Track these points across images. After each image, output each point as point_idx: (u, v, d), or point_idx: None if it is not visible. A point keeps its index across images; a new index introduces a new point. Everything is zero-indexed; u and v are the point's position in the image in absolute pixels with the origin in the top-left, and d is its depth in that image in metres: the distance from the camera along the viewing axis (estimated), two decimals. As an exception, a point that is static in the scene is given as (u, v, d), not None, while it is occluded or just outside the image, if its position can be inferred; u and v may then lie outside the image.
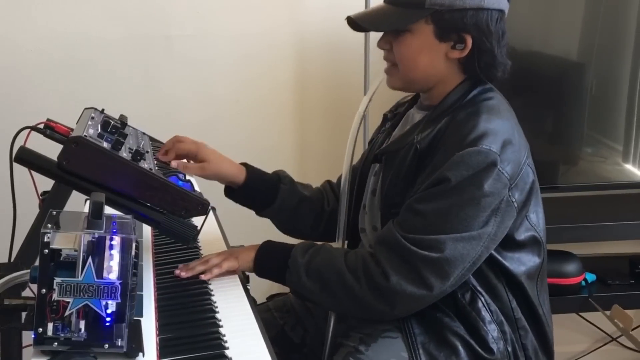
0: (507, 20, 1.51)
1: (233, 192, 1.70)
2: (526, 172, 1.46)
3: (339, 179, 1.79)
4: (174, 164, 1.59)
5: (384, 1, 1.53)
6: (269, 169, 1.79)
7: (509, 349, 1.48)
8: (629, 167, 2.45)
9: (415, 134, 1.49)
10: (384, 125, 1.70)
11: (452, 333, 1.46)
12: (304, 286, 1.47)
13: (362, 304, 1.43)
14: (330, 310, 1.60)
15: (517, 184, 1.43)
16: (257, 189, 1.69)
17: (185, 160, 1.64)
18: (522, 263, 1.50)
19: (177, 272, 1.45)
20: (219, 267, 1.47)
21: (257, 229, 1.80)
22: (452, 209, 1.39)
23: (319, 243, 1.53)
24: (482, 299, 1.47)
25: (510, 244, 1.47)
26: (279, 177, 1.73)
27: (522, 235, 1.49)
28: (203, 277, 1.45)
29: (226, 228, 1.76)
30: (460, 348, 1.45)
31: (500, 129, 1.41)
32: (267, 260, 1.51)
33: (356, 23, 1.51)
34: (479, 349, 1.45)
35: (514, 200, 1.43)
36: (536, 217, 1.52)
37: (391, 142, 1.58)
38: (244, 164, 1.71)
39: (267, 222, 1.81)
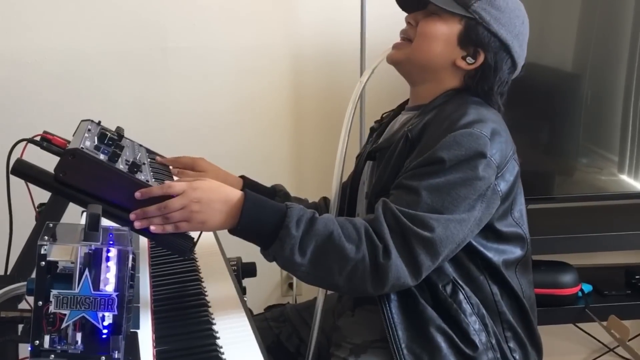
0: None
1: None
2: (512, 165, 1.49)
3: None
4: (174, 170, 1.64)
5: None
6: (265, 180, 1.81)
7: (492, 341, 1.48)
8: (624, 177, 2.45)
9: (405, 128, 1.52)
10: (371, 136, 1.72)
11: (435, 328, 1.45)
12: (293, 260, 1.34)
13: (356, 278, 1.35)
14: (309, 284, 1.47)
15: (503, 174, 1.46)
16: None
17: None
18: (502, 253, 1.51)
19: (132, 216, 1.31)
20: (175, 229, 1.33)
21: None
22: (446, 187, 1.39)
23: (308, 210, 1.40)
24: (463, 291, 1.48)
25: (492, 235, 1.49)
26: (275, 191, 1.77)
27: (504, 228, 1.50)
28: (153, 229, 1.32)
29: (223, 240, 1.76)
30: (443, 344, 1.44)
31: (489, 119, 1.46)
32: (253, 227, 1.35)
33: None
34: (461, 344, 1.45)
35: (499, 189, 1.45)
36: (520, 214, 1.55)
37: (383, 140, 1.61)
38: (242, 177, 1.75)
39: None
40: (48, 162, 1.32)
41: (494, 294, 1.50)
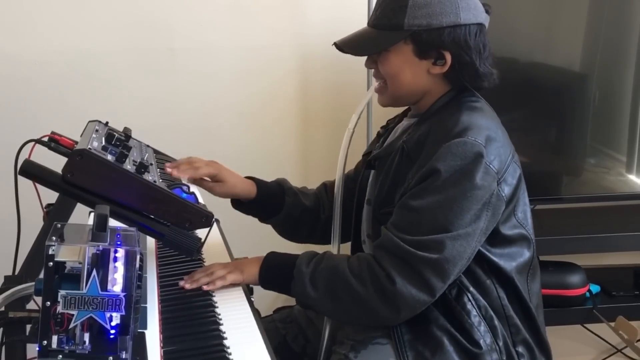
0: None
1: (241, 204, 1.76)
2: (513, 168, 1.49)
3: (334, 182, 1.81)
4: (193, 180, 1.63)
5: (367, 24, 1.58)
6: (271, 179, 1.81)
7: (500, 343, 1.49)
8: (632, 177, 2.45)
9: (403, 138, 1.54)
10: (378, 141, 1.73)
11: (437, 327, 1.47)
12: (309, 295, 1.47)
13: (368, 308, 1.43)
14: (336, 319, 1.60)
15: (505, 178, 1.46)
16: (265, 203, 1.75)
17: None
18: (512, 258, 1.52)
19: (181, 283, 1.46)
20: (223, 280, 1.47)
21: (260, 241, 1.81)
22: (446, 202, 1.41)
23: (321, 252, 1.54)
24: (469, 294, 1.49)
25: (498, 239, 1.49)
26: (284, 190, 1.78)
27: (509, 231, 1.51)
28: (205, 287, 1.46)
29: (230, 240, 1.77)
30: (446, 341, 1.46)
31: (483, 125, 1.46)
32: (272, 272, 1.52)
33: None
34: (465, 342, 1.46)
35: (503, 194, 1.46)
36: (523, 214, 1.54)
37: (382, 149, 1.63)
38: (251, 178, 1.75)
39: (271, 234, 1.83)
40: (56, 162, 1.33)
41: (500, 297, 1.51)
